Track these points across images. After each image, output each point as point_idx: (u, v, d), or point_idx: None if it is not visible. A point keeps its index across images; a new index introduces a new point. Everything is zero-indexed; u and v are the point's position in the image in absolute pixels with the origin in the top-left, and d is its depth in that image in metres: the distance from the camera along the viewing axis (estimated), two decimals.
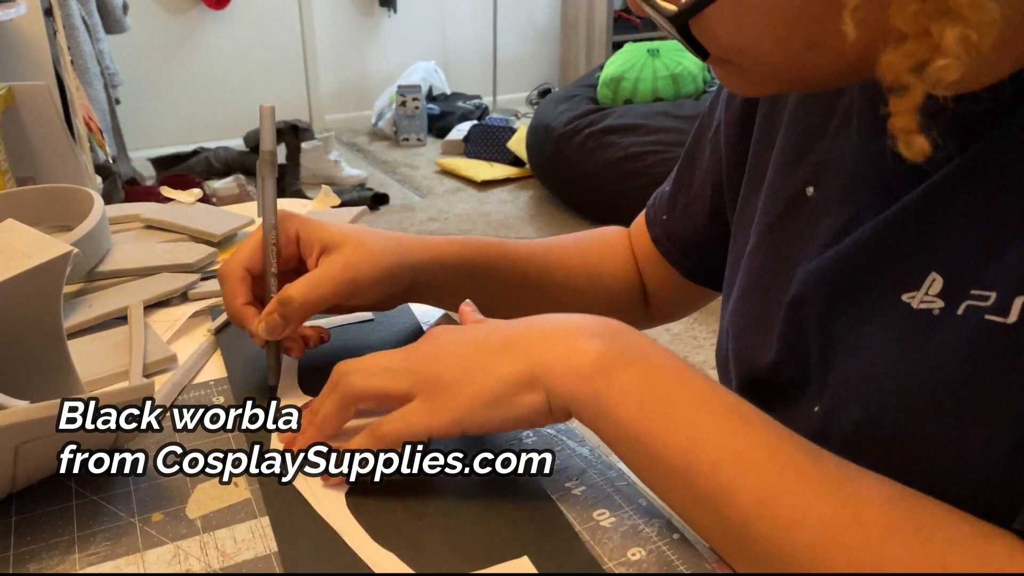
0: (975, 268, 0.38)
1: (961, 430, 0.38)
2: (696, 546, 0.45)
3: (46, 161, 1.40)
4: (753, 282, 0.54)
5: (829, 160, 0.49)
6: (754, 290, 0.54)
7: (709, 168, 0.64)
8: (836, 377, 0.46)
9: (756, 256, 0.54)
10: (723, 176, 0.62)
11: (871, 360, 0.43)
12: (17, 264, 0.54)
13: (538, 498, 0.47)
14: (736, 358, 0.55)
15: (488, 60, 4.79)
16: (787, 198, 0.52)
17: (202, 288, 0.76)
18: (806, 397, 0.48)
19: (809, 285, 0.47)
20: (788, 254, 0.51)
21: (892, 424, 0.41)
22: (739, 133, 0.59)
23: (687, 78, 3.20)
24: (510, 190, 3.53)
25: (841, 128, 0.49)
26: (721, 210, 0.63)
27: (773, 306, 0.51)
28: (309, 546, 0.43)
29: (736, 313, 0.55)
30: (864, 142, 0.46)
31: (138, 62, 3.79)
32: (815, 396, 0.47)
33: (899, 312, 0.41)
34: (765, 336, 0.51)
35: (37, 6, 1.58)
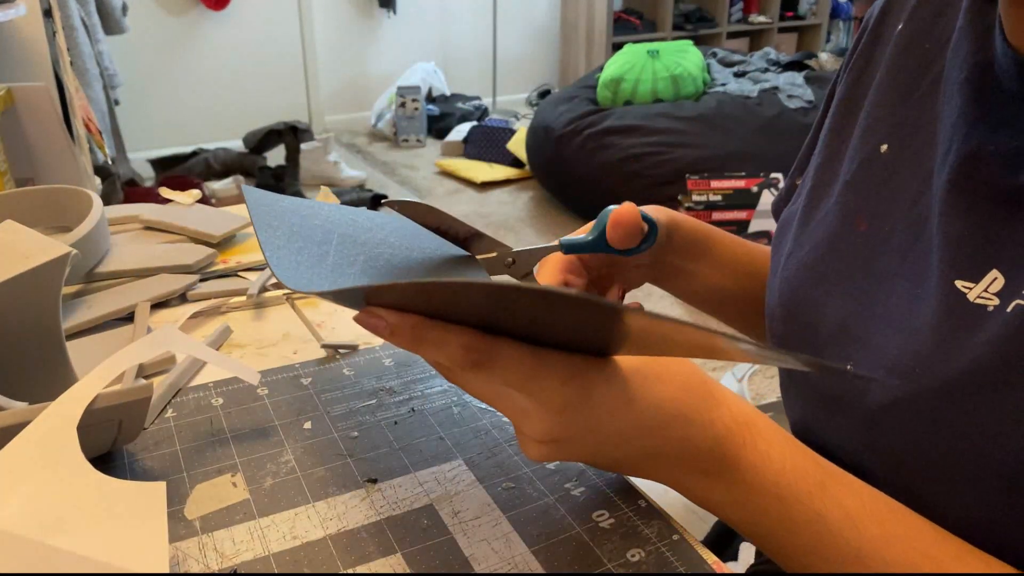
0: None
1: (995, 423, 0.38)
2: (695, 547, 0.45)
3: (45, 162, 1.40)
4: (824, 236, 0.53)
5: (908, 122, 0.49)
6: (819, 245, 0.54)
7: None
8: (877, 342, 0.46)
9: (832, 212, 0.54)
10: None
11: (918, 338, 0.43)
12: (16, 265, 0.54)
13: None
14: (787, 310, 0.55)
15: (488, 61, 4.80)
16: (863, 157, 0.52)
17: (201, 289, 0.76)
18: (842, 355, 0.49)
19: (886, 242, 0.47)
20: (857, 208, 0.51)
21: (928, 406, 0.41)
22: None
23: (687, 79, 3.20)
24: (510, 191, 3.53)
25: (927, 95, 0.48)
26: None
27: (833, 259, 0.51)
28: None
29: (803, 264, 0.54)
30: (951, 100, 0.45)
31: (137, 63, 3.79)
32: (849, 356, 0.48)
33: (952, 297, 0.41)
34: (819, 287, 0.52)
35: (36, 7, 1.58)
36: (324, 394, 0.60)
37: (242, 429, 0.55)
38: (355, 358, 0.65)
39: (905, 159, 0.48)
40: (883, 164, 0.50)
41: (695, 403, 0.41)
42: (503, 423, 0.56)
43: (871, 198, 0.50)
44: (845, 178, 0.53)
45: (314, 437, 0.54)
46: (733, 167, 2.74)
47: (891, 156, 0.50)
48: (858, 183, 0.52)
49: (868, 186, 0.51)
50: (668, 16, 4.90)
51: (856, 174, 0.52)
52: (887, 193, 0.49)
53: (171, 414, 0.57)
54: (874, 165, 0.51)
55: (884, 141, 0.51)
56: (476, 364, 0.37)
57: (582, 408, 0.38)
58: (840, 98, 0.57)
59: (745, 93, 3.14)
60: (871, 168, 0.51)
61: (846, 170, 0.53)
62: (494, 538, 0.45)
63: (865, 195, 0.51)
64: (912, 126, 0.49)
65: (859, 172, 0.52)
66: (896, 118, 0.50)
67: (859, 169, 0.52)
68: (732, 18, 5.11)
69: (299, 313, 0.73)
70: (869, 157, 0.51)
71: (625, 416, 0.39)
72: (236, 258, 0.84)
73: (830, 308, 0.50)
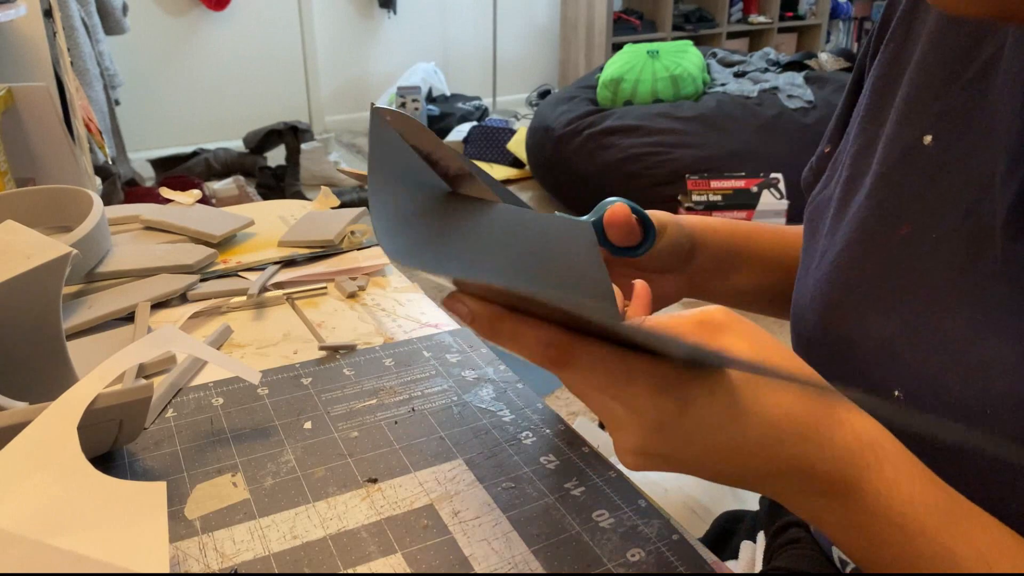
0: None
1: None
2: (695, 547, 0.45)
3: (46, 162, 1.40)
4: (857, 236, 0.49)
5: (955, 110, 0.45)
6: (856, 245, 0.49)
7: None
8: (932, 371, 0.42)
9: (866, 207, 0.49)
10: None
11: (987, 376, 0.39)
12: (17, 265, 0.54)
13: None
14: (822, 315, 0.51)
15: (488, 61, 4.80)
16: (903, 147, 0.47)
17: (201, 289, 0.76)
18: (888, 379, 0.45)
19: (934, 254, 0.43)
20: (896, 208, 0.47)
21: (997, 437, 0.38)
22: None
23: (687, 79, 3.20)
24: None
25: (977, 80, 0.44)
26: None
27: (873, 265, 0.47)
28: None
29: (836, 266, 0.51)
30: (1008, 98, 0.41)
31: (138, 63, 3.80)
32: (898, 381, 0.44)
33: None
34: (860, 296, 0.48)
35: (37, 7, 1.58)
36: (324, 394, 0.60)
37: (242, 429, 0.55)
38: (355, 358, 0.65)
39: (955, 156, 0.44)
40: (928, 159, 0.45)
41: (814, 419, 0.36)
42: (503, 423, 0.56)
43: (913, 197, 0.46)
44: (880, 169, 0.48)
45: (314, 437, 0.54)
46: (733, 167, 2.74)
47: (937, 150, 0.45)
48: (896, 177, 0.47)
49: (909, 182, 0.46)
50: (668, 16, 4.90)
51: (895, 167, 0.47)
52: (934, 194, 0.44)
53: (171, 414, 0.57)
54: (917, 159, 0.46)
55: (928, 131, 0.46)
56: (555, 361, 0.35)
57: (680, 422, 0.35)
58: (877, 75, 0.52)
59: (745, 93, 3.14)
60: (913, 162, 0.46)
61: (881, 159, 0.49)
62: (494, 538, 0.45)
63: (906, 193, 0.46)
64: (961, 118, 0.44)
65: (898, 165, 0.47)
66: (941, 105, 0.45)
67: (899, 161, 0.47)
68: (732, 18, 5.11)
69: (299, 313, 0.73)
70: (910, 148, 0.47)
71: (732, 432, 0.35)
72: (236, 258, 0.84)
73: (871, 322, 0.46)
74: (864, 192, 0.49)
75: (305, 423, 0.56)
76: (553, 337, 0.35)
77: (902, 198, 0.46)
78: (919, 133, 0.46)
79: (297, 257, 0.85)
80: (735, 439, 0.35)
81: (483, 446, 0.54)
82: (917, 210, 0.45)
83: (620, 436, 0.37)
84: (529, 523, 0.46)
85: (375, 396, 0.60)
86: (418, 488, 0.49)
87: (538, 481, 0.50)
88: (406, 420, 0.57)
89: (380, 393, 0.60)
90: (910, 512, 0.36)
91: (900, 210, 0.46)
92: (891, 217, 0.47)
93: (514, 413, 0.57)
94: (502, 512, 0.47)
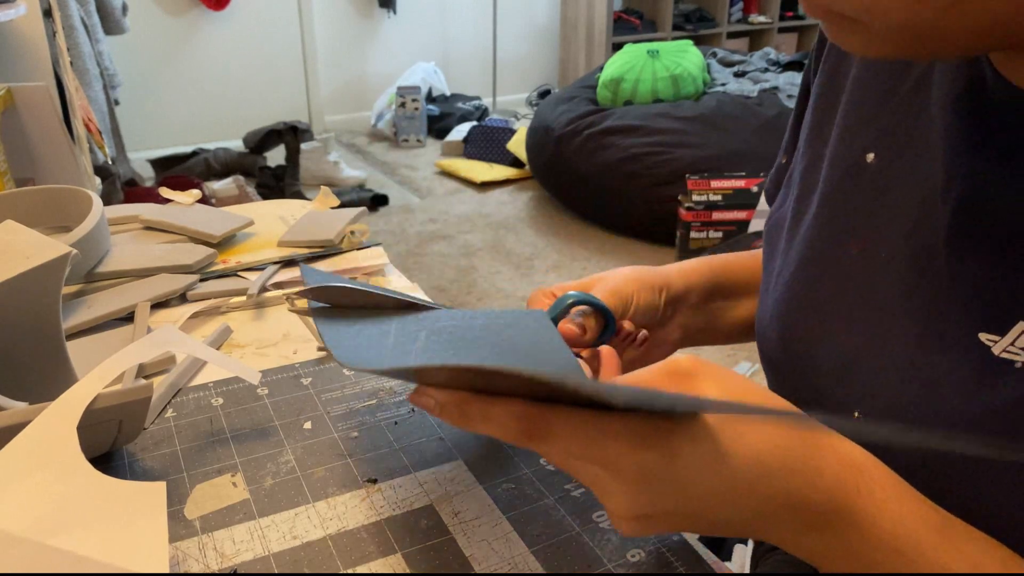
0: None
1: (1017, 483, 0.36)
2: (695, 547, 0.45)
3: (45, 162, 1.40)
4: (809, 255, 0.50)
5: (895, 127, 0.45)
6: (809, 264, 0.50)
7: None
8: (887, 390, 0.42)
9: (814, 227, 0.50)
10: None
11: (938, 392, 0.40)
12: (16, 265, 0.54)
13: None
14: (781, 335, 0.51)
15: (488, 61, 4.80)
16: (846, 165, 0.48)
17: (201, 289, 0.76)
18: (849, 397, 0.46)
19: (884, 271, 0.44)
20: (844, 226, 0.47)
21: (953, 460, 0.38)
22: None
23: (687, 79, 3.20)
24: (510, 191, 3.53)
25: (913, 94, 0.45)
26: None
27: (827, 283, 0.48)
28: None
29: (791, 286, 0.51)
30: (941, 116, 0.42)
31: (137, 63, 3.79)
32: (857, 400, 0.45)
33: (976, 351, 0.38)
34: (816, 316, 0.48)
35: (36, 7, 1.58)
36: (324, 394, 0.60)
37: (242, 429, 0.55)
38: None
39: (897, 173, 0.44)
40: (871, 176, 0.46)
41: (800, 451, 0.36)
42: None
43: (860, 215, 0.46)
44: (826, 188, 0.49)
45: (314, 437, 0.54)
46: (733, 167, 2.74)
47: (880, 167, 0.46)
48: (841, 196, 0.48)
49: (855, 200, 0.47)
50: (668, 16, 4.90)
51: (839, 185, 0.48)
52: (882, 212, 0.45)
53: (171, 414, 0.57)
54: (860, 176, 0.47)
55: (870, 149, 0.46)
56: (529, 434, 0.35)
57: (666, 474, 0.34)
58: (818, 93, 0.53)
59: (745, 93, 3.14)
60: (857, 180, 0.47)
61: (826, 177, 0.50)
62: (494, 538, 0.45)
63: (853, 211, 0.47)
64: (901, 134, 0.45)
65: (843, 183, 0.48)
66: (880, 122, 0.46)
67: (843, 179, 0.48)
68: (732, 18, 5.11)
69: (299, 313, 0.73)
70: (854, 166, 0.47)
71: (721, 475, 0.34)
72: (236, 258, 0.84)
73: (830, 342, 0.47)
74: (812, 211, 0.50)
75: (305, 423, 0.56)
76: (524, 410, 0.35)
77: (849, 216, 0.47)
78: (861, 150, 0.47)
79: (297, 257, 0.85)
80: (726, 482, 0.34)
81: (483, 446, 0.54)
82: (864, 228, 0.46)
83: (610, 502, 0.36)
84: (529, 523, 0.46)
85: (375, 396, 0.60)
86: (418, 488, 0.49)
87: (538, 481, 0.50)
88: (406, 420, 0.57)
89: (380, 393, 0.60)
90: (903, 533, 0.35)
91: (848, 228, 0.47)
92: (840, 235, 0.47)
93: None
94: (502, 512, 0.47)
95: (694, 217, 2.65)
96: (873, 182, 0.46)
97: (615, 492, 0.35)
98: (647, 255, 2.83)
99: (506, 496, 0.48)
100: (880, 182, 0.45)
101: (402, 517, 0.47)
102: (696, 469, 0.34)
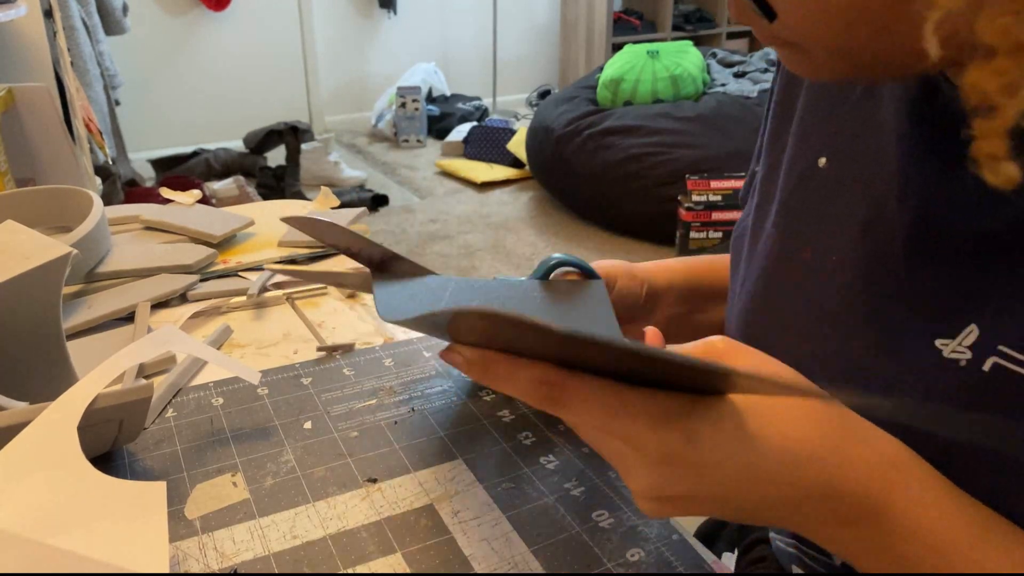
0: (1014, 326, 0.35)
1: (976, 477, 0.36)
2: (695, 547, 0.45)
3: (46, 162, 1.40)
4: (768, 264, 0.50)
5: (846, 131, 0.46)
6: (767, 273, 0.51)
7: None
8: (847, 390, 0.43)
9: (772, 235, 0.51)
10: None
11: (894, 388, 0.40)
12: (17, 265, 0.54)
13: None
14: (746, 342, 0.51)
15: (488, 61, 4.80)
16: (800, 171, 0.48)
17: (201, 289, 0.76)
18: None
19: (834, 277, 0.44)
20: (798, 233, 0.48)
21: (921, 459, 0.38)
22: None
23: (687, 80, 3.20)
24: (510, 191, 3.53)
25: (864, 100, 0.45)
26: None
27: (783, 291, 0.48)
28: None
29: (752, 294, 0.51)
30: (894, 122, 0.42)
31: (138, 63, 3.80)
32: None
33: (932, 359, 0.38)
34: (775, 324, 0.49)
35: (37, 7, 1.58)
36: (324, 394, 0.60)
37: (242, 429, 0.55)
38: (355, 358, 0.65)
39: (848, 176, 0.45)
40: (823, 181, 0.46)
41: (831, 441, 0.35)
42: (503, 423, 0.56)
43: (812, 221, 0.47)
44: (782, 195, 0.50)
45: (314, 437, 0.54)
46: (733, 167, 2.74)
47: (832, 171, 0.46)
48: (795, 202, 0.48)
49: (808, 206, 0.47)
50: (668, 16, 4.90)
51: (794, 191, 0.49)
52: (832, 215, 0.45)
53: (171, 414, 0.57)
54: (813, 182, 0.47)
55: (822, 153, 0.47)
56: (551, 400, 0.34)
57: (687, 455, 0.33)
58: (776, 99, 0.53)
59: (745, 93, 3.14)
60: (810, 185, 0.47)
61: (782, 184, 0.50)
62: (494, 538, 0.45)
63: (806, 217, 0.47)
64: (851, 136, 0.45)
65: (797, 189, 0.48)
66: (832, 126, 0.47)
67: (797, 186, 0.48)
68: (732, 19, 5.11)
69: (299, 313, 0.73)
70: (807, 172, 0.48)
71: (744, 460, 0.33)
72: (236, 258, 0.84)
73: (785, 349, 0.47)
74: (771, 219, 0.51)
75: (305, 423, 0.56)
76: (547, 374, 0.34)
77: (802, 222, 0.47)
78: (814, 156, 0.47)
79: (297, 257, 0.85)
80: (749, 467, 0.34)
81: (483, 446, 0.54)
82: (816, 233, 0.46)
83: (631, 479, 0.36)
84: (529, 523, 0.46)
85: (375, 396, 0.60)
86: (418, 488, 0.49)
87: (538, 481, 0.50)
88: (406, 420, 0.57)
89: (380, 393, 0.60)
90: (940, 529, 0.34)
91: (801, 234, 0.47)
92: (794, 242, 0.48)
93: (514, 413, 0.57)
94: (502, 512, 0.47)
95: (694, 217, 2.65)
96: (825, 186, 0.46)
97: (635, 469, 0.35)
98: (647, 255, 2.83)
99: (506, 496, 0.49)
100: (831, 186, 0.46)
101: (402, 517, 0.47)
102: (717, 452, 0.33)
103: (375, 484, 0.50)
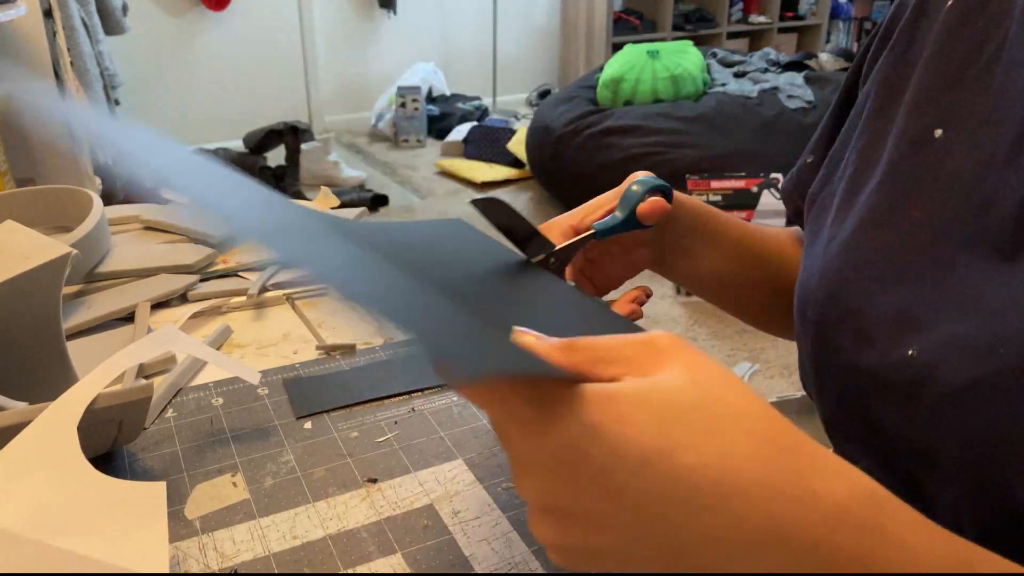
0: None
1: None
2: None
3: (46, 162, 1.40)
4: (869, 219, 0.52)
5: (963, 104, 0.48)
6: (868, 225, 0.52)
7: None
8: (947, 327, 0.44)
9: (876, 193, 0.52)
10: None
11: (1000, 319, 0.41)
12: (17, 265, 0.54)
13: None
14: (830, 292, 0.53)
15: (488, 61, 4.79)
16: (912, 140, 0.51)
17: (201, 289, 0.76)
18: (903, 336, 0.46)
19: (945, 231, 0.46)
20: (907, 194, 0.50)
21: (1014, 384, 0.39)
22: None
23: (687, 79, 3.20)
24: (510, 191, 3.53)
25: (982, 75, 0.47)
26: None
27: (885, 241, 0.50)
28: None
29: (846, 246, 0.52)
30: (1012, 85, 0.44)
31: (137, 63, 3.79)
32: (914, 337, 0.46)
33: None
34: (872, 269, 0.50)
35: (37, 7, 1.58)
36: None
37: (242, 429, 0.55)
38: (355, 358, 0.65)
39: (960, 142, 0.47)
40: (936, 149, 0.49)
41: (786, 465, 0.28)
42: None
43: (924, 184, 0.49)
44: (891, 159, 0.52)
45: (314, 437, 0.54)
46: (733, 167, 2.74)
47: (946, 141, 0.48)
48: (907, 167, 0.50)
49: (919, 171, 0.49)
50: (668, 16, 4.90)
51: (905, 157, 0.51)
52: (943, 179, 0.47)
53: (171, 414, 0.57)
54: (926, 149, 0.49)
55: (938, 126, 0.49)
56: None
57: (583, 462, 0.27)
58: (883, 77, 0.55)
59: (745, 93, 3.14)
60: (922, 152, 0.49)
61: (891, 151, 0.52)
62: (494, 538, 0.45)
63: (916, 180, 0.49)
64: (967, 109, 0.48)
65: (908, 155, 0.50)
66: (949, 101, 0.49)
67: (909, 152, 0.50)
68: (732, 18, 5.11)
69: (299, 313, 0.73)
70: (920, 140, 0.50)
71: (664, 478, 0.27)
72: (236, 258, 0.84)
73: (883, 295, 0.48)
74: (875, 181, 0.52)
75: (305, 423, 0.56)
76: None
77: (912, 185, 0.49)
78: (930, 126, 0.49)
79: None
80: (676, 493, 0.27)
81: (483, 446, 0.54)
82: (927, 195, 0.48)
83: (515, 479, 0.31)
84: None
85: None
86: (418, 488, 0.49)
87: None
88: (406, 420, 0.57)
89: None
90: (942, 554, 0.30)
91: (911, 195, 0.49)
92: (902, 201, 0.50)
93: None
94: (502, 512, 0.47)
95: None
96: (936, 154, 0.48)
97: (513, 462, 0.30)
98: None
99: (506, 496, 0.49)
100: (944, 155, 0.48)
101: (402, 517, 0.47)
102: (626, 465, 0.27)
103: (375, 484, 0.50)
